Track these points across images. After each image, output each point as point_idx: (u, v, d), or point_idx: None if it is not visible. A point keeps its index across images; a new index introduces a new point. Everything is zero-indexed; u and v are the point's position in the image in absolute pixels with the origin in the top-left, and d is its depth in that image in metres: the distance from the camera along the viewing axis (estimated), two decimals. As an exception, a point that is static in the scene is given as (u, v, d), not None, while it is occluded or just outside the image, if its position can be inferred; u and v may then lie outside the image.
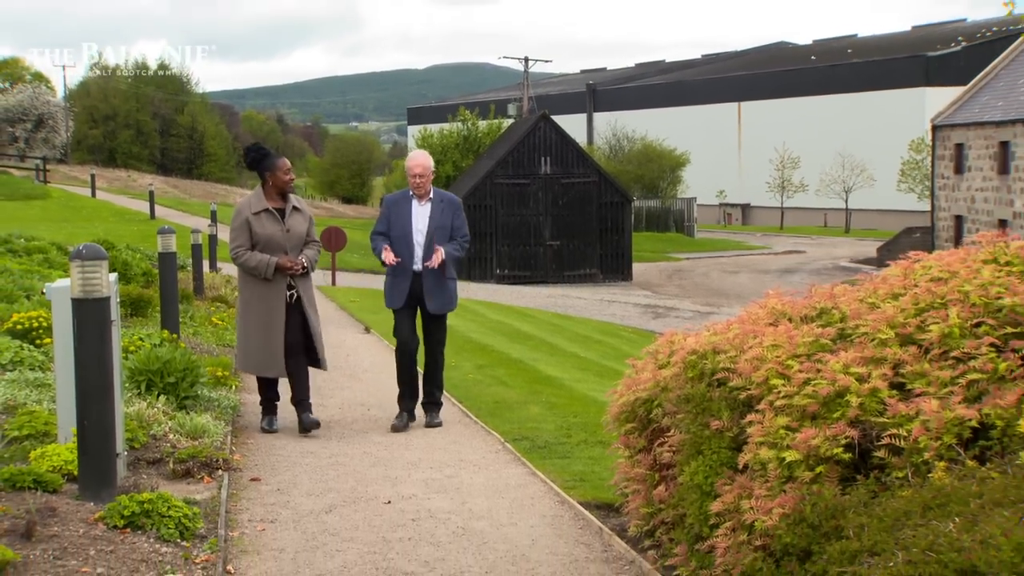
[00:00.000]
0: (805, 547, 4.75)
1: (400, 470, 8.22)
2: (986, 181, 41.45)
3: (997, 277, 5.65)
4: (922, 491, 4.62)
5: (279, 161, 9.58)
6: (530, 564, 6.16)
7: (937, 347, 5.28)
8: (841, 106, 75.22)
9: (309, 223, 9.76)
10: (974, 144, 42.43)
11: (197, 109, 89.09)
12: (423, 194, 9.93)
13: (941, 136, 45.42)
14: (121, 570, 5.28)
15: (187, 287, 17.51)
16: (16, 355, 9.82)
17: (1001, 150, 40.26)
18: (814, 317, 6.01)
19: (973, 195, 42.53)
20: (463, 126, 62.40)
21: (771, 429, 5.17)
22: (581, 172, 46.31)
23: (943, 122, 45.16)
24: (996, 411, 4.92)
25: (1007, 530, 4.09)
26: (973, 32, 78.53)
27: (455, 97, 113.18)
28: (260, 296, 9.37)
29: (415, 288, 9.76)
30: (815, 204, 75.76)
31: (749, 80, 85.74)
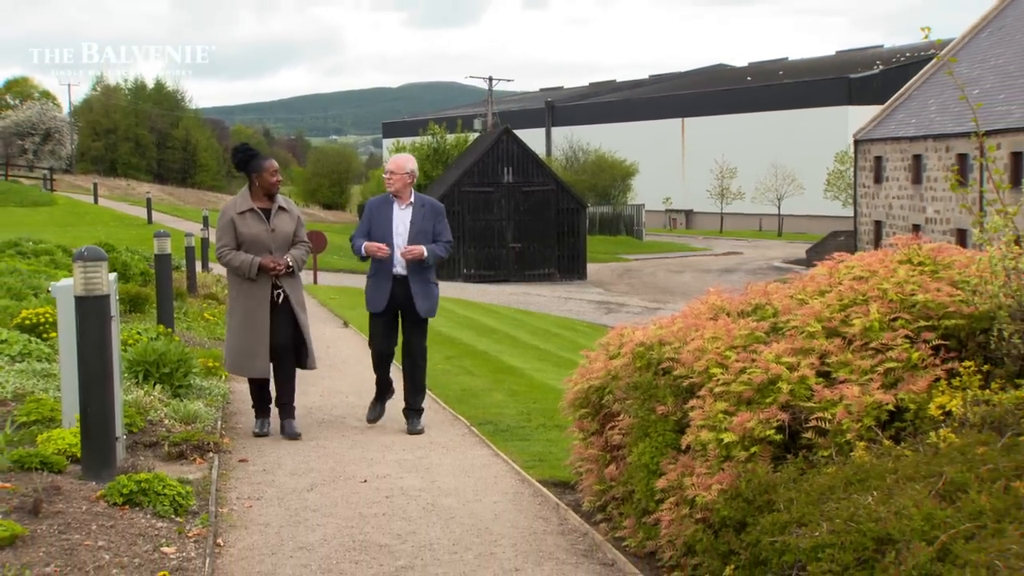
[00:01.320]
0: (741, 519, 4.76)
1: (375, 452, 8.21)
2: (902, 190, 41.75)
3: (911, 276, 5.69)
4: (844, 468, 4.64)
5: (266, 162, 8.70)
6: (493, 536, 6.15)
7: (859, 339, 5.32)
8: (773, 122, 75.54)
9: (297, 224, 8.86)
10: (891, 157, 42.73)
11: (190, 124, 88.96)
12: (402, 196, 8.98)
13: (862, 150, 45.70)
14: (120, 543, 5.25)
15: (181, 286, 17.48)
16: (24, 348, 9.81)
17: (914, 162, 40.57)
18: (750, 312, 6.04)
19: (890, 202, 42.82)
20: (433, 139, 62.29)
21: (711, 413, 5.19)
22: (540, 181, 46.34)
23: (864, 137, 45.44)
24: (910, 396, 4.97)
25: (918, 502, 4.12)
26: (889, 57, 79.02)
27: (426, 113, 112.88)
28: (245, 296, 8.53)
29: (396, 292, 8.86)
30: (751, 210, 76.04)
31: (691, 98, 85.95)
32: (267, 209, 8.67)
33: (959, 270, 5.76)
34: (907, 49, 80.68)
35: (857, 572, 4.00)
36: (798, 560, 4.27)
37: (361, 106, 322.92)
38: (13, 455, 6.23)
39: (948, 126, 37.94)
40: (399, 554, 5.83)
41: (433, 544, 6.01)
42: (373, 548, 5.93)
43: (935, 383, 5.01)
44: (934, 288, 5.50)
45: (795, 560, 4.29)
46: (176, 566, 5.13)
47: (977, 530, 3.86)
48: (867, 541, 4.04)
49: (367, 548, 5.93)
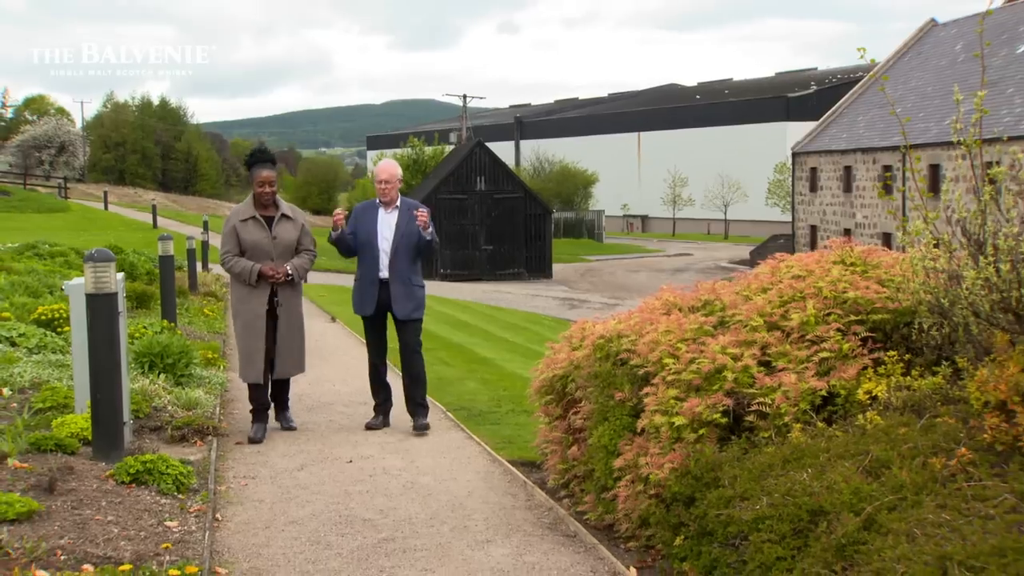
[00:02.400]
0: (690, 495, 4.78)
1: (359, 435, 8.19)
2: (834, 198, 42.01)
3: (844, 275, 5.73)
4: (782, 448, 4.67)
5: (259, 171, 8.02)
6: (466, 511, 6.15)
7: (796, 332, 5.36)
8: (720, 136, 75.79)
9: (301, 232, 8.17)
10: (825, 168, 42.97)
11: (192, 137, 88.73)
12: (389, 201, 8.26)
13: (799, 161, 45.93)
14: (128, 518, 5.24)
15: (183, 284, 17.47)
16: (41, 341, 9.85)
17: (845, 173, 40.83)
18: (699, 308, 6.05)
19: (824, 209, 43.07)
20: (413, 151, 62.19)
21: (663, 399, 5.20)
22: (510, 189, 46.40)
23: (800, 150, 45.67)
24: (840, 383, 5.01)
25: (847, 477, 4.16)
26: (823, 78, 79.46)
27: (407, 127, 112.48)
28: (244, 302, 7.95)
29: (383, 295, 8.19)
30: (700, 215, 76.29)
31: (646, 115, 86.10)
32: (270, 216, 8.05)
33: (885, 270, 5.81)
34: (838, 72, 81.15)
35: (793, 541, 4.03)
36: (741, 531, 4.30)
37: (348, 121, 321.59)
38: (30, 438, 6.25)
39: (875, 140, 38.22)
40: (381, 527, 5.83)
41: (412, 518, 6.00)
42: (357, 522, 5.92)
43: (863, 371, 5.06)
44: (863, 286, 5.54)
45: (738, 531, 4.32)
46: (178, 539, 5.10)
47: (898, 502, 3.90)
48: (802, 513, 4.08)
49: (352, 522, 5.92)
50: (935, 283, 4.90)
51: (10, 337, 9.77)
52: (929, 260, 4.91)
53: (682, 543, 4.76)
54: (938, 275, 4.86)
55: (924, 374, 4.96)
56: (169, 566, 4.57)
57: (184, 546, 5.01)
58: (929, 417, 4.51)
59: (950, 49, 39.53)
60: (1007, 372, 4.10)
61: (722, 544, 4.42)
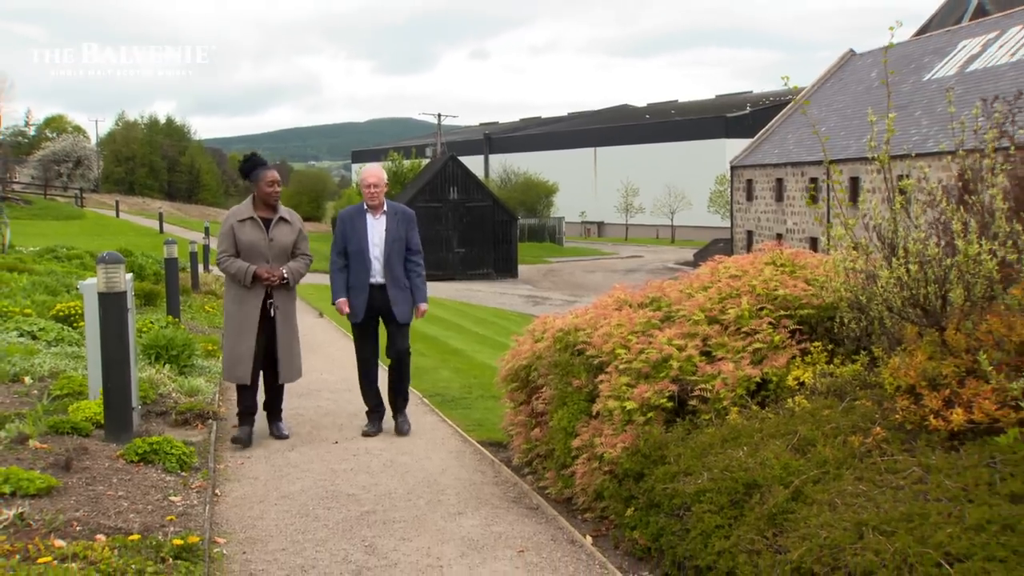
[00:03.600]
0: (639, 471, 4.80)
1: (344, 419, 8.14)
2: (767, 206, 42.27)
3: (775, 275, 5.77)
4: (721, 429, 4.70)
5: (264, 172, 7.22)
6: (440, 486, 6.14)
7: (733, 325, 5.38)
8: (667, 151, 76.03)
9: (298, 236, 7.34)
10: (759, 180, 43.23)
11: (195, 152, 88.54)
12: (377, 205, 7.48)
13: (737, 174, 46.18)
14: (136, 493, 5.22)
15: (186, 284, 17.44)
16: (59, 334, 9.87)
17: (777, 184, 41.09)
18: (647, 304, 6.07)
19: (759, 216, 43.32)
20: (392, 164, 62.01)
21: (616, 386, 5.22)
22: (480, 198, 46.40)
23: (738, 164, 45.92)
24: (772, 370, 5.04)
25: (778, 454, 4.19)
26: (758, 100, 79.82)
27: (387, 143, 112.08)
28: (238, 302, 7.11)
29: (374, 301, 7.46)
30: (650, 222, 76.48)
31: (602, 132, 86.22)
32: (268, 219, 7.23)
33: (811, 270, 5.85)
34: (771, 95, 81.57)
35: (730, 511, 4.06)
36: (684, 502, 4.32)
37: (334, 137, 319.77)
38: (49, 421, 6.24)
39: (803, 156, 38.49)
40: (364, 501, 5.81)
41: (391, 493, 5.99)
42: (342, 497, 5.90)
43: (792, 360, 5.10)
44: (792, 284, 5.58)
45: (682, 502, 4.34)
46: (182, 511, 5.08)
47: (822, 475, 3.94)
48: (738, 486, 4.10)
49: (337, 497, 5.90)
50: (854, 282, 4.95)
51: (31, 331, 9.84)
52: (849, 262, 4.95)
53: (633, 514, 4.78)
54: (857, 275, 4.90)
55: (845, 362, 5.02)
56: (173, 536, 4.56)
57: (187, 518, 4.99)
58: (849, 400, 4.55)
59: (866, 76, 39.90)
60: (915, 360, 4.15)
61: (668, 514, 4.44)
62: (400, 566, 4.72)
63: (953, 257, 4.27)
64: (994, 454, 3.62)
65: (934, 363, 4.07)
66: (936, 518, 3.31)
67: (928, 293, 4.33)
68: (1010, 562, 3.01)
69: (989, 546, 3.10)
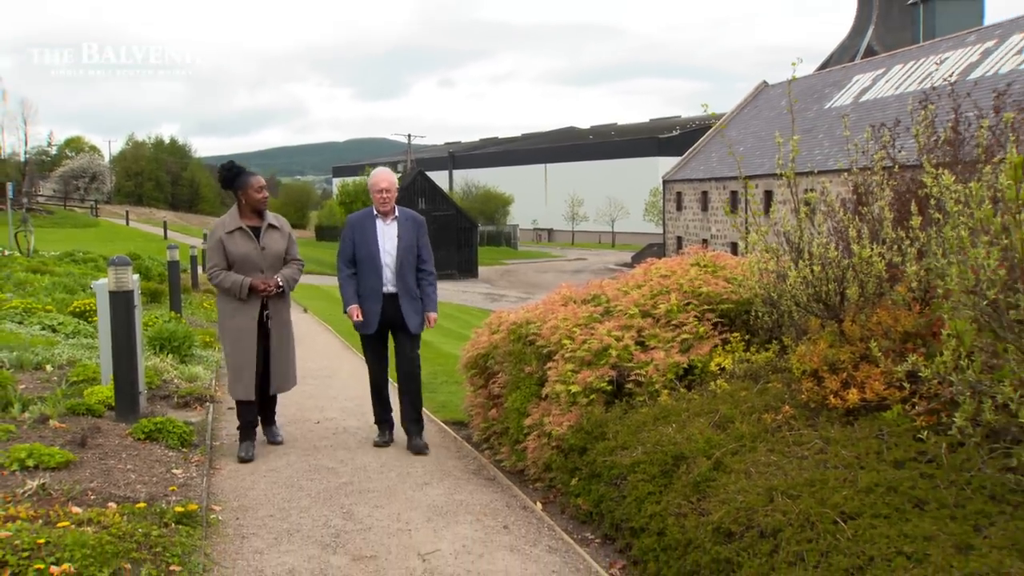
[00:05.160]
0: (583, 446, 4.82)
1: (325, 401, 8.09)
2: (695, 215, 42.62)
3: (699, 275, 5.80)
4: (653, 408, 4.73)
5: (252, 179, 6.12)
6: (409, 461, 6.11)
7: (663, 318, 5.41)
8: (608, 167, 76.37)
9: (288, 241, 6.25)
10: (687, 193, 43.56)
11: (195, 168, 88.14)
12: (388, 211, 6.27)
13: (668, 188, 46.49)
14: (143, 467, 5.19)
15: (187, 283, 17.36)
16: (75, 328, 9.88)
17: (703, 196, 41.45)
18: (590, 300, 6.08)
19: (687, 224, 43.66)
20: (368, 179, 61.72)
21: (562, 372, 5.22)
22: (444, 208, 46.43)
23: (669, 179, 46.23)
24: (698, 357, 5.07)
25: (702, 430, 4.22)
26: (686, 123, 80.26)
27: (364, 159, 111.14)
28: (233, 316, 6.08)
29: (387, 311, 6.24)
30: (593, 228, 76.76)
31: (551, 150, 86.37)
32: (256, 227, 6.13)
33: (730, 271, 5.89)
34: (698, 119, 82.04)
35: (661, 480, 4.09)
36: (621, 473, 4.34)
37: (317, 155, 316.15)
38: (67, 404, 6.20)
39: (725, 172, 38.85)
40: (342, 474, 5.77)
41: (366, 467, 5.95)
42: (323, 470, 5.85)
43: (714, 348, 5.13)
44: (714, 283, 5.62)
45: (620, 473, 4.36)
46: (182, 483, 5.03)
47: (739, 448, 3.98)
48: (668, 458, 4.13)
49: (319, 470, 5.85)
50: (767, 281, 4.99)
51: (52, 325, 9.89)
52: (763, 263, 5.00)
53: (576, 483, 4.79)
54: (769, 275, 4.95)
55: (759, 350, 5.06)
56: (175, 504, 4.53)
57: (187, 489, 4.95)
58: (762, 383, 4.60)
59: (777, 104, 40.34)
60: (818, 348, 4.21)
61: (607, 483, 4.46)
62: (374, 530, 4.70)
63: (849, 259, 4.34)
64: (882, 427, 3.69)
65: (833, 350, 4.13)
66: (834, 483, 3.36)
67: (829, 290, 4.39)
68: (893, 518, 3.07)
69: (876, 505, 3.15)
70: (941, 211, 3.72)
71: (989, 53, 29.59)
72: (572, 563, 4.23)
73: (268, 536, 4.59)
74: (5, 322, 9.73)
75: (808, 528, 3.16)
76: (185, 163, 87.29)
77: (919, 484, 3.20)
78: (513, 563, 4.23)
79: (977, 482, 3.13)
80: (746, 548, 3.30)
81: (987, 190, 3.20)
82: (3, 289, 12.74)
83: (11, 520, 3.88)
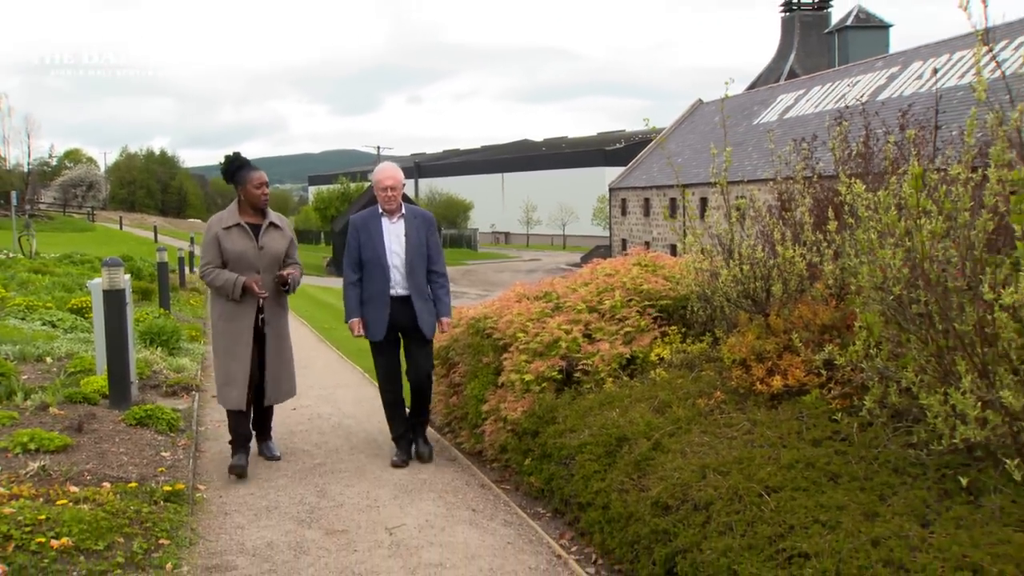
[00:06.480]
0: (535, 429, 4.82)
1: (302, 390, 7.88)
2: (638, 220, 42.90)
3: (640, 273, 5.83)
4: (599, 395, 4.74)
5: (252, 174, 5.20)
6: (378, 443, 6.07)
7: (608, 313, 5.43)
8: (560, 176, 76.53)
9: (289, 243, 5.33)
10: (631, 199, 43.84)
11: (183, 177, 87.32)
12: (394, 209, 5.35)
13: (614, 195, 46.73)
14: (134, 450, 5.11)
15: (175, 283, 17.29)
16: (73, 323, 9.88)
17: (645, 203, 41.73)
18: (542, 297, 6.08)
19: (631, 228, 43.94)
20: (342, 186, 61.12)
21: (517, 362, 5.22)
22: (412, 213, 46.00)
23: (614, 186, 46.46)
24: (639, 348, 5.10)
25: (642, 414, 4.24)
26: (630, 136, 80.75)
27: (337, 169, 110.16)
28: (227, 319, 5.16)
29: (395, 315, 5.32)
30: (546, 231, 76.85)
31: (508, 161, 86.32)
32: (256, 225, 5.23)
33: (669, 270, 5.93)
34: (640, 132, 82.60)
35: (605, 459, 4.10)
36: (570, 453, 4.35)
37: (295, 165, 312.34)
38: (65, 393, 6.15)
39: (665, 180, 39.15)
40: (316, 455, 5.72)
41: (339, 449, 5.90)
42: (299, 452, 5.80)
43: (654, 340, 5.16)
44: (654, 281, 5.66)
45: (568, 453, 4.37)
46: (171, 464, 4.95)
47: (676, 430, 4.01)
48: (612, 440, 4.15)
49: (295, 452, 5.79)
50: (702, 279, 5.05)
51: (52, 321, 9.88)
52: (698, 263, 5.05)
53: (530, 463, 4.80)
54: (703, 273, 5.00)
55: (694, 342, 5.10)
56: (164, 483, 4.51)
57: (175, 470, 4.88)
58: (697, 371, 4.64)
59: (711, 119, 40.74)
60: (746, 339, 4.26)
61: (557, 463, 4.47)
62: (345, 506, 4.66)
63: (774, 259, 4.40)
64: (802, 410, 3.74)
65: (760, 341, 4.18)
66: (759, 460, 3.40)
67: (756, 287, 4.44)
68: (810, 490, 3.12)
69: (796, 479, 3.20)
70: (854, 216, 3.79)
71: (894, 78, 30.24)
72: (525, 535, 4.24)
73: (248, 512, 4.54)
74: (9, 318, 9.74)
75: (736, 501, 3.20)
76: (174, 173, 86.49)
77: (833, 460, 3.26)
78: (472, 535, 4.23)
79: (883, 457, 3.19)
80: (681, 520, 3.33)
81: (893, 198, 3.26)
82: (7, 288, 12.71)
83: (15, 498, 3.92)
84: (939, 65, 27.94)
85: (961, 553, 2.52)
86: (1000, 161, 2.90)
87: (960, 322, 2.92)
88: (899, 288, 3.15)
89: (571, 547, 4.08)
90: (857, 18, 49.57)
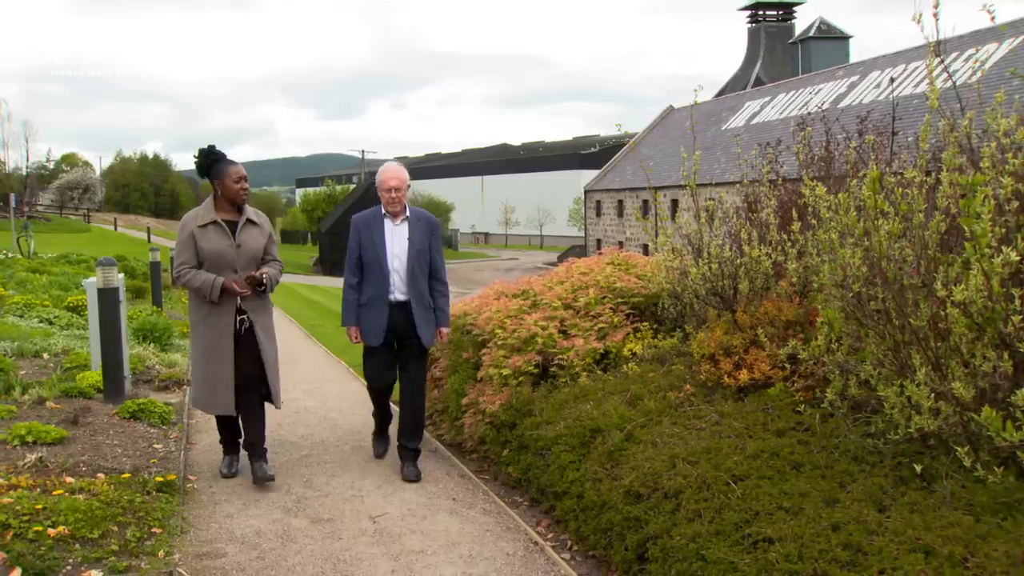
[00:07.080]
0: (512, 421, 4.82)
1: (288, 384, 7.87)
2: (612, 221, 43.02)
3: (614, 272, 5.85)
4: (574, 388, 4.74)
5: (230, 167, 4.68)
6: (362, 436, 6.04)
7: (583, 310, 5.44)
8: (537, 179, 76.60)
9: (268, 239, 4.80)
10: (605, 201, 43.96)
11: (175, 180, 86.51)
12: (397, 211, 4.94)
13: (589, 197, 46.83)
14: (128, 442, 5.08)
15: (167, 281, 17.08)
16: (69, 321, 9.85)
17: (619, 204, 41.86)
18: (519, 294, 6.08)
19: (606, 228, 44.06)
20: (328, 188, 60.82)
21: (495, 357, 5.22)
22: (395, 214, 45.91)
23: (590, 188, 46.55)
24: (613, 344, 5.12)
25: (616, 407, 4.25)
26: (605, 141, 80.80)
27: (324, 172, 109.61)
28: (206, 322, 4.64)
29: (394, 321, 4.89)
30: (524, 232, 76.90)
31: (487, 164, 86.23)
32: (233, 222, 4.70)
33: (641, 268, 5.96)
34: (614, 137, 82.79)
35: (580, 450, 4.11)
36: (546, 444, 4.35)
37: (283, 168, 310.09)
38: (61, 387, 6.12)
39: (638, 183, 39.29)
40: (302, 447, 5.68)
41: (324, 441, 5.87)
42: (286, 444, 5.76)
43: (627, 336, 5.18)
44: (627, 279, 5.68)
45: (545, 444, 4.37)
46: (163, 456, 4.92)
47: (647, 422, 4.02)
48: (586, 431, 4.16)
49: (282, 444, 5.75)
50: (672, 277, 5.07)
51: (49, 318, 9.84)
52: (668, 262, 5.07)
53: (507, 454, 4.80)
54: (674, 272, 5.03)
55: (665, 337, 5.13)
56: (156, 474, 4.48)
57: (167, 461, 4.84)
58: (668, 365, 4.66)
59: (682, 124, 40.95)
60: (715, 335, 4.29)
61: (534, 454, 4.47)
62: (331, 496, 4.64)
63: (741, 258, 4.43)
64: (767, 402, 3.78)
65: (728, 337, 4.21)
66: (727, 450, 3.43)
67: (724, 285, 4.47)
68: (775, 478, 3.15)
69: (761, 468, 3.23)
70: (816, 217, 3.82)
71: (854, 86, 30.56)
72: (503, 523, 4.24)
73: (238, 502, 4.51)
74: (7, 316, 9.67)
75: (705, 489, 3.22)
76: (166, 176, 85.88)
77: (797, 449, 3.29)
78: (452, 523, 4.22)
79: (843, 447, 3.23)
80: (652, 507, 3.34)
81: (852, 200, 3.30)
82: (6, 287, 12.64)
83: (13, 488, 3.93)
84: (896, 75, 28.28)
85: (915, 536, 2.56)
86: (952, 165, 2.95)
87: (915, 318, 2.95)
88: (858, 286, 3.19)
89: (547, 534, 4.09)
90: (819, 29, 50.08)
